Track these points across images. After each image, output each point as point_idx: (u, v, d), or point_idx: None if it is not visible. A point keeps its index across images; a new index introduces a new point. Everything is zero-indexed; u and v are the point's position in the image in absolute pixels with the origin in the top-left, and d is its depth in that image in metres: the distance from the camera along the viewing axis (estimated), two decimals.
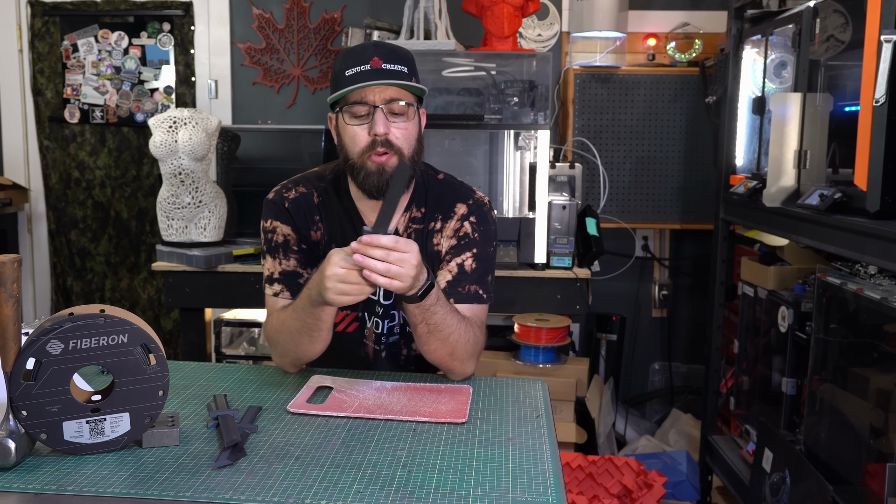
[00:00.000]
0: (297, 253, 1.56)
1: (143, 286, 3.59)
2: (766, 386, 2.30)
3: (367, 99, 1.44)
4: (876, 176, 1.59)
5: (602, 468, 2.53)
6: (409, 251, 1.29)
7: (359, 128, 1.46)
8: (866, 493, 1.68)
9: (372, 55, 1.44)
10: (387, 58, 1.44)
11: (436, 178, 1.62)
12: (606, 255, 3.00)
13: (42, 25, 3.45)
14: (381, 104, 1.44)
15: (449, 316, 1.43)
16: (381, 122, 1.44)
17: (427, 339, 1.44)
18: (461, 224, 1.57)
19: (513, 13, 2.68)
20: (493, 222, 1.60)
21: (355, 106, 1.45)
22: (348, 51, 1.49)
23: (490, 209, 1.61)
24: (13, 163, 3.52)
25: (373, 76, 1.42)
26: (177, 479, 1.07)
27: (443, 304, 1.42)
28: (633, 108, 3.16)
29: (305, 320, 1.42)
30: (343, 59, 1.47)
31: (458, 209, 1.58)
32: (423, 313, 1.40)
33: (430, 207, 1.58)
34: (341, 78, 1.45)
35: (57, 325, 1.10)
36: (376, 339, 1.63)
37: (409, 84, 1.45)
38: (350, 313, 1.61)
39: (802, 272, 2.23)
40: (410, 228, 1.58)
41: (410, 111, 1.48)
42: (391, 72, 1.44)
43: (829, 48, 1.89)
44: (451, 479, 1.08)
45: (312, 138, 2.88)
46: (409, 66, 1.48)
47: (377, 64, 1.43)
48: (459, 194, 1.60)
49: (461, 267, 1.54)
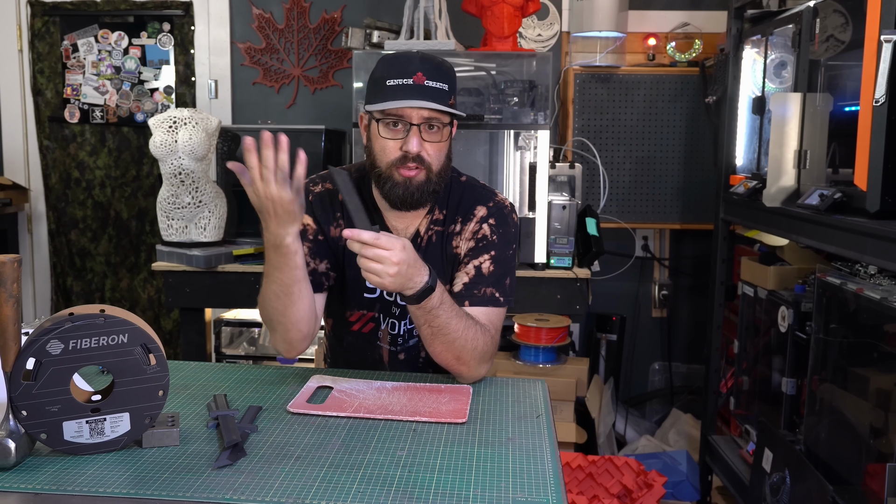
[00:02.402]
0: (312, 243, 1.56)
1: (143, 286, 3.59)
2: (766, 386, 2.30)
3: (405, 115, 1.43)
4: (876, 176, 1.59)
5: (602, 468, 2.53)
6: (390, 249, 1.28)
7: (391, 141, 1.46)
8: (866, 493, 1.68)
9: (417, 69, 1.42)
10: (431, 74, 1.42)
11: (458, 181, 1.61)
12: (606, 255, 3.00)
13: (42, 25, 3.45)
14: (418, 122, 1.43)
15: (455, 320, 1.41)
16: (415, 141, 1.43)
17: (431, 342, 1.44)
18: (480, 226, 1.56)
19: (513, 13, 2.68)
20: (513, 225, 1.59)
21: (391, 119, 1.44)
22: (392, 58, 1.46)
23: (511, 212, 1.60)
24: (13, 163, 3.52)
25: (415, 93, 1.41)
26: (177, 479, 1.07)
27: (448, 307, 1.41)
28: (633, 108, 3.16)
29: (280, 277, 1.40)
30: (387, 65, 1.45)
31: (477, 211, 1.57)
32: (424, 315, 1.39)
33: (451, 210, 1.58)
34: (382, 86, 1.43)
35: (57, 325, 1.10)
36: (391, 340, 1.62)
37: (448, 110, 1.44)
38: (366, 314, 1.61)
39: (802, 272, 2.23)
40: (431, 231, 1.58)
41: (445, 131, 1.47)
42: (433, 90, 1.42)
43: (829, 48, 1.90)
44: (451, 479, 1.08)
45: (312, 138, 2.88)
46: (450, 84, 1.46)
47: (420, 80, 1.41)
48: (480, 196, 1.59)
49: (478, 269, 1.53)
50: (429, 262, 1.52)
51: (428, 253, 1.57)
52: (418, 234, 1.57)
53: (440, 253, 1.58)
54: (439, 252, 1.58)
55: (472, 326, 1.44)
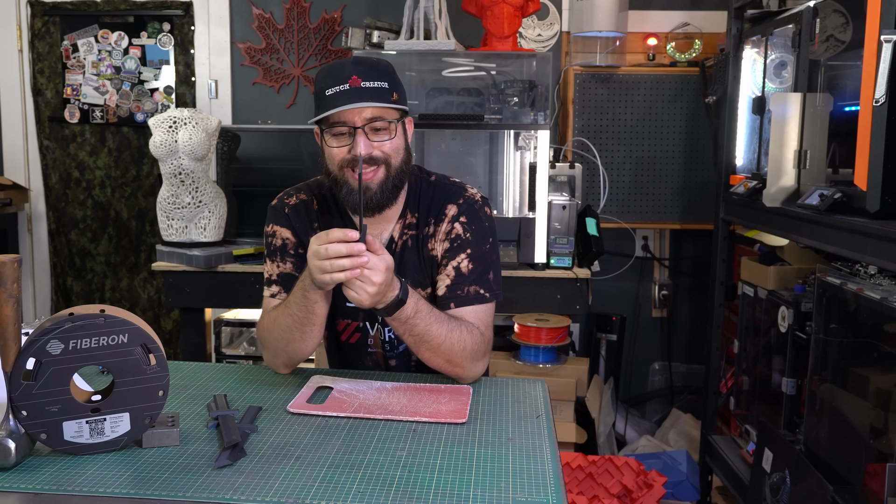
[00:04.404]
0: (294, 257, 1.56)
1: (143, 286, 3.59)
2: (766, 386, 2.30)
3: (347, 120, 1.43)
4: (876, 176, 1.59)
5: (602, 468, 2.53)
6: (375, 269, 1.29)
7: (339, 148, 1.46)
8: (866, 493, 1.68)
9: (350, 73, 1.41)
10: (366, 75, 1.42)
11: (428, 181, 1.60)
12: (606, 255, 3.00)
13: (42, 25, 3.45)
14: (361, 125, 1.43)
15: (435, 325, 1.41)
16: (362, 143, 1.43)
17: (417, 349, 1.44)
18: (452, 226, 1.55)
19: (513, 13, 2.68)
20: (486, 218, 1.58)
21: (336, 127, 1.44)
22: (328, 68, 1.46)
23: (483, 205, 1.58)
24: (13, 163, 3.52)
25: (352, 97, 1.40)
26: (177, 479, 1.07)
27: (425, 315, 1.40)
28: (633, 108, 3.16)
29: (297, 314, 1.41)
30: (323, 77, 1.45)
31: (448, 210, 1.56)
32: (401, 325, 1.40)
33: (423, 212, 1.57)
34: (322, 97, 1.43)
35: (57, 325, 1.10)
36: (383, 346, 1.62)
37: (389, 106, 1.43)
38: (351, 323, 1.61)
39: (802, 272, 2.23)
40: (406, 235, 1.57)
41: (392, 127, 1.46)
42: (371, 90, 1.41)
43: (829, 48, 1.89)
44: (451, 479, 1.08)
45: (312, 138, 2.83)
46: (389, 81, 1.45)
47: (356, 83, 1.41)
48: (450, 195, 1.58)
49: (457, 270, 1.53)
50: (406, 268, 1.52)
51: (404, 258, 1.56)
52: (392, 240, 1.57)
53: (417, 257, 1.57)
54: (416, 256, 1.57)
55: (455, 329, 1.44)
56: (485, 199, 1.60)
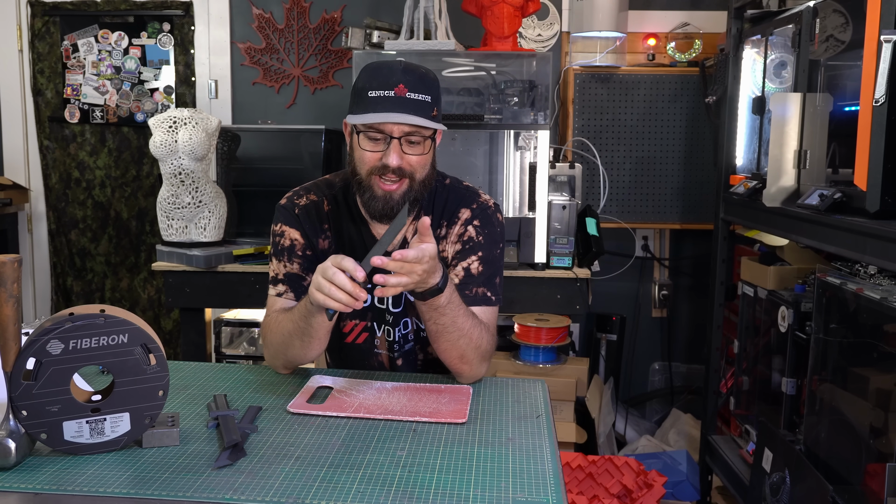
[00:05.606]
0: (302, 259, 1.56)
1: (143, 286, 3.59)
2: (765, 386, 2.30)
3: (384, 129, 1.42)
4: (876, 176, 1.59)
5: (602, 468, 2.53)
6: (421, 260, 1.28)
7: (371, 153, 1.45)
8: (866, 493, 1.68)
9: (398, 81, 1.40)
10: (413, 86, 1.41)
11: (442, 184, 1.61)
12: (606, 255, 3.00)
13: (42, 25, 3.45)
14: (398, 136, 1.42)
15: (461, 319, 1.42)
16: (394, 155, 1.43)
17: (436, 339, 1.44)
18: (465, 229, 1.56)
19: (513, 13, 2.68)
20: (498, 224, 1.59)
21: (371, 131, 1.44)
22: (375, 68, 1.45)
23: (495, 211, 1.60)
24: (13, 163, 3.52)
25: (396, 105, 1.39)
26: (177, 479, 1.07)
27: (455, 307, 1.41)
28: (633, 108, 3.16)
29: (298, 323, 1.42)
30: (369, 75, 1.44)
31: (462, 214, 1.57)
32: (430, 312, 1.40)
33: (437, 214, 1.58)
34: (363, 97, 1.42)
35: (57, 325, 1.10)
36: (389, 346, 1.63)
37: (429, 123, 1.43)
38: (359, 323, 1.61)
39: (802, 272, 2.23)
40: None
41: (427, 143, 1.46)
42: (414, 102, 1.40)
43: (829, 48, 1.89)
44: (451, 479, 1.08)
45: (312, 138, 2.88)
46: (433, 95, 1.44)
47: (402, 92, 1.40)
48: (464, 199, 1.59)
49: (467, 270, 1.54)
50: None
51: None
52: (406, 241, 1.57)
53: None
54: None
55: (476, 326, 1.45)
56: (497, 206, 1.61)
